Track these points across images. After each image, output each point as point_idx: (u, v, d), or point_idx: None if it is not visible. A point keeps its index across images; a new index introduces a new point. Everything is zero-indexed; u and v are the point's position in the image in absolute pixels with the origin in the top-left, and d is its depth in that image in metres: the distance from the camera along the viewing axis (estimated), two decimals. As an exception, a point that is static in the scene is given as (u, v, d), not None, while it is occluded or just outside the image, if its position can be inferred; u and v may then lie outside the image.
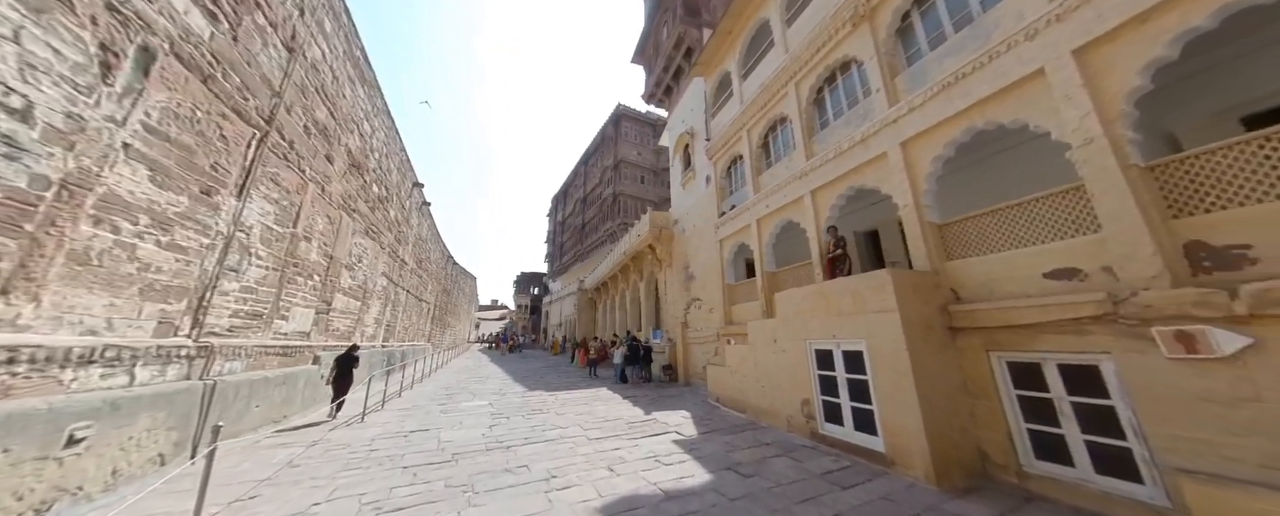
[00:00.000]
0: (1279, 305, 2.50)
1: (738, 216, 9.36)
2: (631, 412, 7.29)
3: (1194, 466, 2.75)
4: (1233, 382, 2.67)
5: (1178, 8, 3.11)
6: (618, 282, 21.17)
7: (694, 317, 11.43)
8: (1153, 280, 3.06)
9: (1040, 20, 3.90)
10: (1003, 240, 4.23)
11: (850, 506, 3.30)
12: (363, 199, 8.99)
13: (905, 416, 4.03)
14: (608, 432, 5.85)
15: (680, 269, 12.91)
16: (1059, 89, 3.73)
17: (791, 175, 7.53)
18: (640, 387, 10.67)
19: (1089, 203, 3.57)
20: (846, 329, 4.85)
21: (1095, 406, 3.36)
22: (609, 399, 8.84)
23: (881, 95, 5.75)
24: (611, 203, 30.57)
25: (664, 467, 4.30)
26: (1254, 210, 2.77)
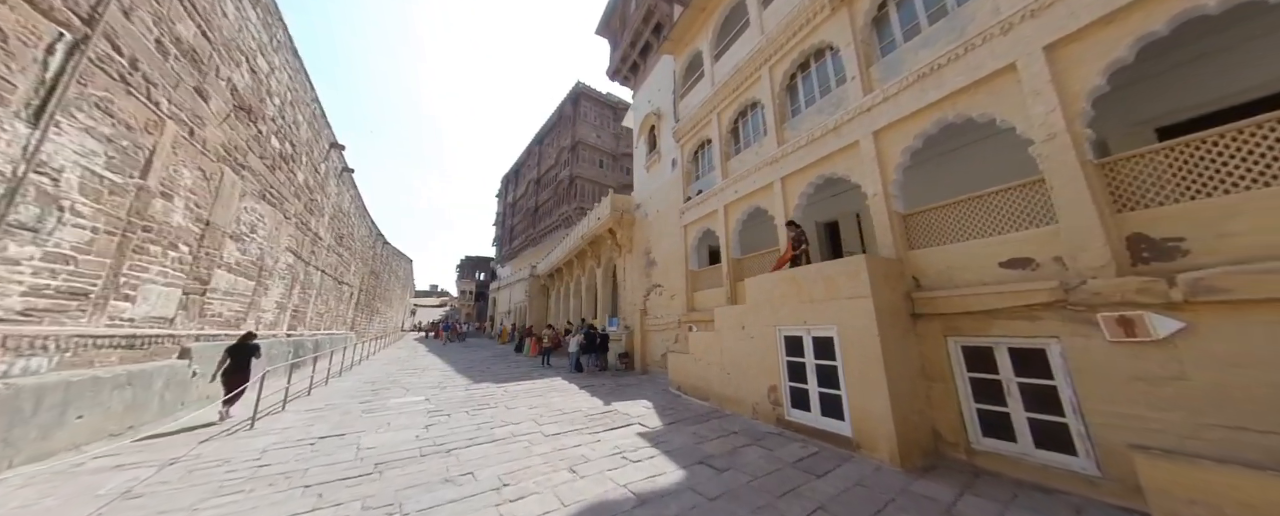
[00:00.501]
0: (1209, 292, 2.74)
1: (704, 202, 9.15)
2: (590, 403, 6.83)
3: (1124, 439, 3.02)
4: (1162, 363, 2.92)
5: (1142, 9, 3.27)
6: (573, 269, 20.31)
7: (654, 304, 11.18)
8: (1101, 269, 3.27)
9: (1016, 15, 3.98)
10: (963, 231, 4.39)
11: (829, 496, 3.20)
12: (257, 154, 7.19)
13: (873, 401, 4.07)
14: (566, 427, 5.33)
15: (641, 255, 12.53)
16: (1029, 84, 3.85)
17: (762, 161, 7.42)
18: (597, 377, 10.22)
19: (1046, 196, 3.76)
20: (818, 315, 4.81)
21: (1039, 386, 3.60)
22: (564, 389, 8.27)
23: (856, 83, 5.74)
24: (568, 185, 29.16)
25: (632, 465, 3.92)
26: (1187, 206, 3.02)
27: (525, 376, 10.31)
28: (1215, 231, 2.87)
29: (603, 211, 14.13)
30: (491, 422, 5.61)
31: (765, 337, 5.58)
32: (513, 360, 14.77)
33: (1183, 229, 3.01)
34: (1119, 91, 4.82)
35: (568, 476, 3.64)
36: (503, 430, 5.24)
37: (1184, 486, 2.28)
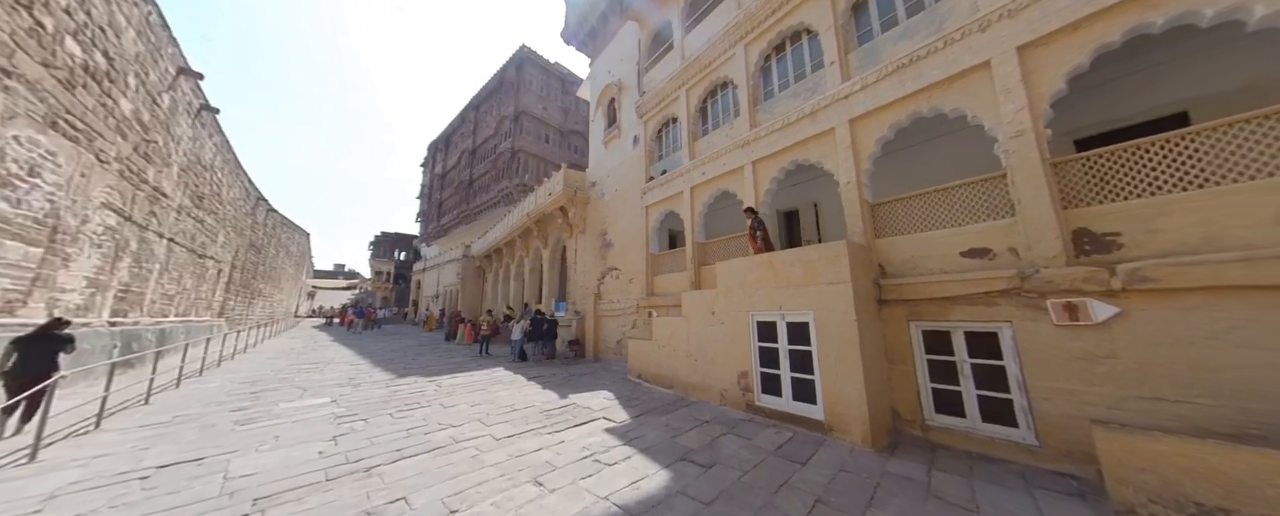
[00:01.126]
0: (1142, 282, 3.08)
1: (669, 183, 8.73)
2: (543, 397, 6.13)
3: (1062, 412, 3.36)
4: (1098, 344, 3.27)
5: (1103, 20, 3.52)
6: (515, 249, 18.69)
7: (610, 288, 10.64)
8: (1052, 260, 3.56)
9: (994, 13, 4.11)
10: (927, 221, 4.60)
11: (821, 486, 3.08)
12: (38, 58, 4.85)
13: (848, 385, 4.10)
14: (520, 426, 4.62)
15: (595, 236, 11.80)
16: (1001, 82, 4.03)
17: (732, 143, 7.19)
18: (545, 366, 9.44)
19: (1005, 190, 4.02)
20: (794, 300, 4.74)
21: (989, 366, 3.91)
22: (511, 381, 7.40)
23: (835, 69, 5.69)
24: (509, 159, 26.64)
25: (608, 470, 3.42)
26: (1124, 205, 3.38)
27: (461, 367, 9.10)
28: (1146, 228, 3.24)
29: (554, 188, 12.97)
30: (425, 426, 4.65)
31: (737, 323, 5.43)
32: (444, 349, 13.13)
33: (1119, 225, 3.37)
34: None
35: (534, 492, 3.01)
36: (441, 435, 4.34)
37: (1136, 455, 2.53)
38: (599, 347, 10.64)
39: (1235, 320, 2.79)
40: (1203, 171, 3.09)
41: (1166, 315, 3.02)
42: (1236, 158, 2.98)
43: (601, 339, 10.62)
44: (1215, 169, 3.04)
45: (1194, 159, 3.14)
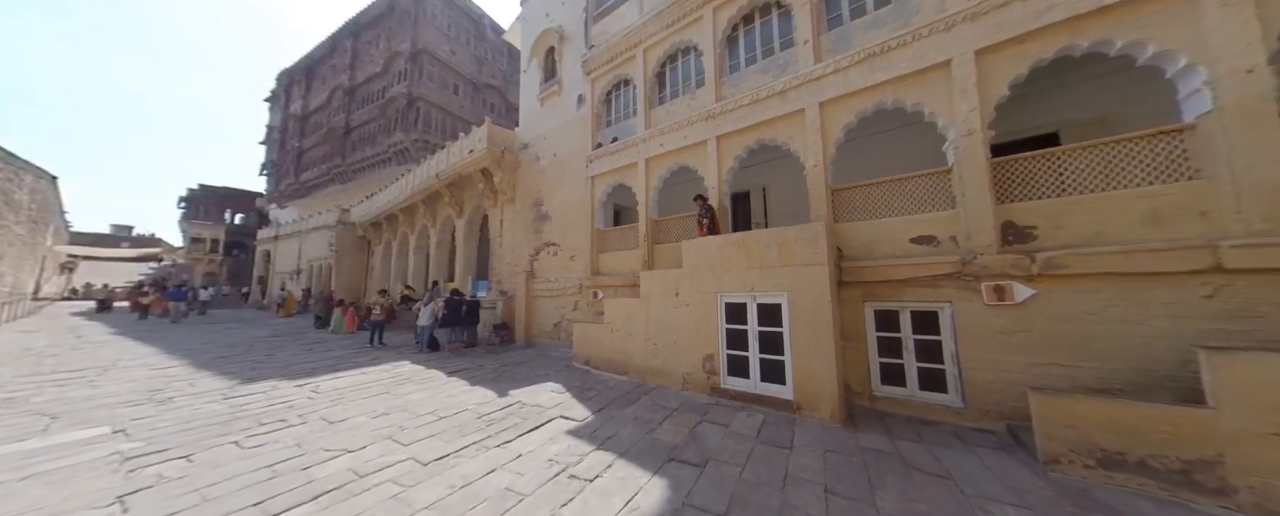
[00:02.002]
0: (1054, 268, 3.67)
1: (620, 152, 7.93)
2: (476, 396, 5.05)
3: (984, 378, 3.93)
4: (1016, 321, 3.85)
5: (1042, 37, 3.98)
6: (416, 217, 15.60)
7: (546, 266, 9.50)
8: (986, 248, 4.05)
9: (959, 14, 4.37)
10: (882, 209, 4.90)
11: (819, 471, 2.99)
12: None
13: (820, 364, 4.18)
14: (455, 441, 3.60)
15: (528, 206, 10.36)
16: (959, 82, 4.35)
17: (695, 115, 6.74)
18: (464, 356, 8.04)
19: (951, 185, 4.45)
20: (768, 281, 4.63)
21: (927, 341, 4.39)
22: (425, 378, 6.00)
23: (808, 48, 5.60)
24: (405, 107, 21.90)
25: (590, 488, 2.79)
26: (1039, 203, 3.97)
27: (345, 363, 7.12)
28: (1055, 223, 3.86)
29: (476, 145, 10.87)
30: (304, 456, 3.26)
31: (704, 305, 5.16)
32: (313, 339, 10.32)
33: (1036, 220, 3.96)
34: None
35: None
36: (332, 467, 3.07)
37: (1063, 414, 3.00)
38: (532, 332, 9.54)
39: (1110, 299, 3.50)
40: (1094, 180, 3.76)
41: (1067, 296, 3.66)
42: (1114, 171, 3.69)
43: (535, 322, 9.52)
44: (1102, 179, 3.73)
45: (1087, 169, 3.81)
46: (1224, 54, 3.21)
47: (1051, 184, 3.95)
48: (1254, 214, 3.03)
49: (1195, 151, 3.39)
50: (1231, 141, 3.17)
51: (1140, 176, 3.58)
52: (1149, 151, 3.57)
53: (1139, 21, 3.58)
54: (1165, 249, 3.29)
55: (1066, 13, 3.82)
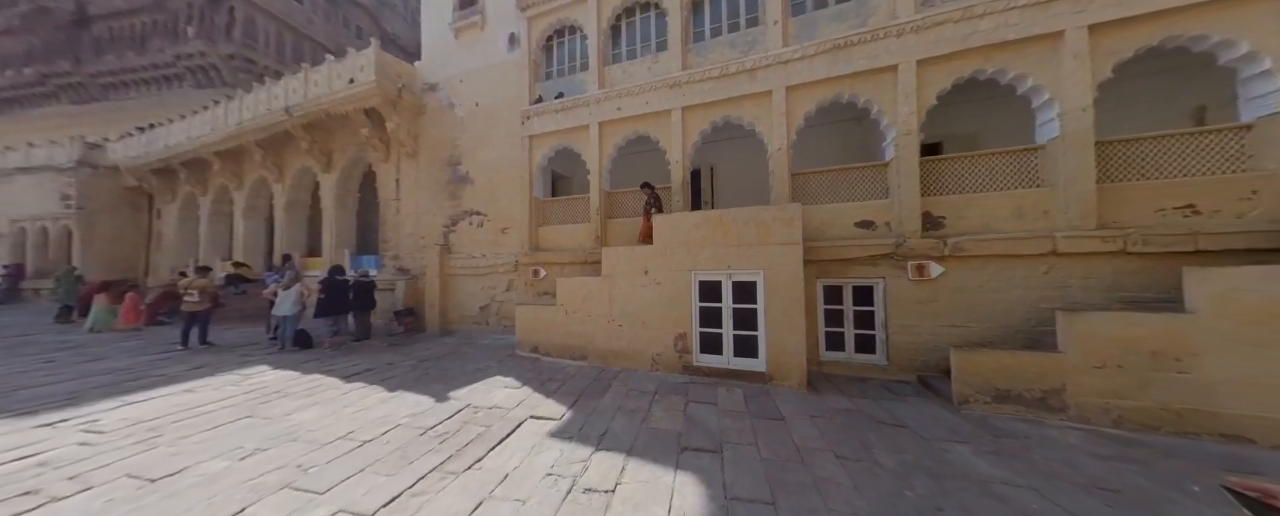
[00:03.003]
0: (959, 250, 4.60)
1: (568, 111, 6.94)
2: (406, 405, 3.92)
3: (903, 341, 4.79)
4: (929, 293, 4.75)
5: (964, 58, 4.76)
6: (245, 166, 11.37)
7: (467, 239, 7.97)
8: (913, 233, 4.84)
9: (907, 25, 4.91)
10: (832, 194, 5.41)
11: (818, 437, 3.18)
12: None
13: (791, 338, 4.47)
14: (404, 473, 2.67)
15: (439, 164, 8.42)
16: (902, 86, 4.95)
17: (659, 80, 6.27)
18: (357, 352, 6.30)
19: (887, 177, 5.13)
20: (744, 259, 4.68)
21: (863, 312, 5.12)
22: (310, 389, 4.41)
23: (778, 29, 5.63)
24: (209, 3, 15.31)
25: (614, 500, 2.37)
26: (948, 198, 4.89)
27: (142, 378, 4.79)
28: (958, 215, 4.81)
29: (357, 75, 8.16)
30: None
31: (677, 283, 4.99)
32: (55, 342, 6.74)
33: (945, 211, 4.87)
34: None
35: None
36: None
37: (973, 364, 3.83)
38: (450, 317, 8.01)
39: (990, 275, 4.58)
40: (983, 182, 4.79)
41: (963, 272, 4.65)
42: (996, 176, 4.76)
43: (455, 305, 8.01)
44: (988, 181, 4.77)
45: (980, 173, 4.83)
46: (1072, 94, 4.33)
47: (956, 183, 4.89)
48: (1074, 214, 4.28)
49: (1042, 167, 4.57)
50: (1066, 161, 4.36)
51: (1011, 182, 4.68)
52: (1016, 164, 4.69)
53: (1026, 59, 4.55)
54: (1025, 237, 4.41)
55: (983, 40, 4.63)
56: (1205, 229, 3.85)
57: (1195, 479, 2.62)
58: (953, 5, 4.74)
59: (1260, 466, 2.86)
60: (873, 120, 5.39)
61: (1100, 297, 4.08)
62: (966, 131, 6.73)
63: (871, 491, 2.46)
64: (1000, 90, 5.00)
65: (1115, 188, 4.23)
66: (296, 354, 6.14)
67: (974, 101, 6.34)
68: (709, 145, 8.11)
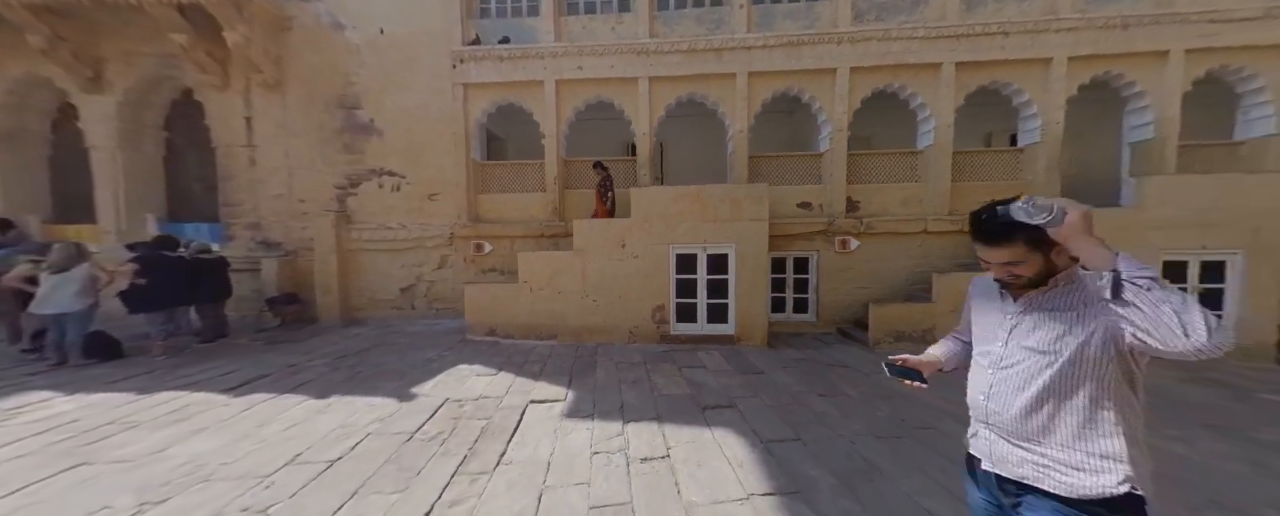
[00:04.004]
0: (870, 228, 5.83)
1: (516, 61, 6.04)
2: (361, 409, 3.14)
3: (828, 302, 5.93)
4: (848, 262, 5.94)
5: (881, 73, 5.84)
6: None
7: (377, 205, 6.41)
8: (839, 213, 5.91)
9: (845, 35, 5.73)
10: (780, 177, 6.16)
11: (797, 382, 3.79)
12: None
13: (756, 304, 5.08)
14: (423, 485, 2.21)
15: (322, 105, 6.41)
16: (839, 87, 5.83)
17: (623, 44, 5.96)
18: (210, 357, 4.66)
19: (821, 166, 6.08)
20: (719, 233, 5.03)
21: (800, 279, 6.11)
22: (174, 410, 3.16)
23: (743, 14, 5.88)
24: None
25: (670, 464, 2.45)
26: (862, 186, 6.09)
27: None
28: (868, 200, 6.05)
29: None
30: None
31: (655, 256, 5.08)
32: None
33: (861, 197, 6.07)
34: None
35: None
36: None
37: (883, 316, 5.02)
38: (354, 303, 6.43)
39: (888, 249, 5.96)
40: (886, 175, 6.11)
41: (872, 246, 5.94)
42: (894, 171, 6.12)
43: (362, 287, 6.45)
44: (889, 175, 6.11)
45: (884, 168, 6.13)
46: (943, 112, 5.79)
47: (869, 174, 6.11)
48: (938, 204, 5.86)
49: (920, 167, 6.08)
50: (935, 164, 5.89)
51: (901, 177, 6.09)
52: (905, 163, 6.11)
53: (919, 80, 5.85)
54: (909, 220, 5.87)
55: (894, 60, 5.74)
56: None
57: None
58: (876, 26, 5.72)
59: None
60: (805, 114, 6.25)
61: (950, 264, 5.77)
62: (866, 133, 8.34)
63: (856, 416, 3.12)
64: (898, 102, 6.32)
65: (959, 185, 5.92)
66: (97, 368, 4.15)
67: (874, 109, 7.88)
68: (659, 122, 8.16)
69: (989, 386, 0.94)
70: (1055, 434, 0.85)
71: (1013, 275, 0.88)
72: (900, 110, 6.26)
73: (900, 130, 6.63)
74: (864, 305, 5.36)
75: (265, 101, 6.36)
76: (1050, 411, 0.85)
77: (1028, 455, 0.88)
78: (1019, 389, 0.89)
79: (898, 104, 6.21)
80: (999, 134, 7.66)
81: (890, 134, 7.57)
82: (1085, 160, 6.94)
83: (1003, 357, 0.93)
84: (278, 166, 6.43)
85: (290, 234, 6.45)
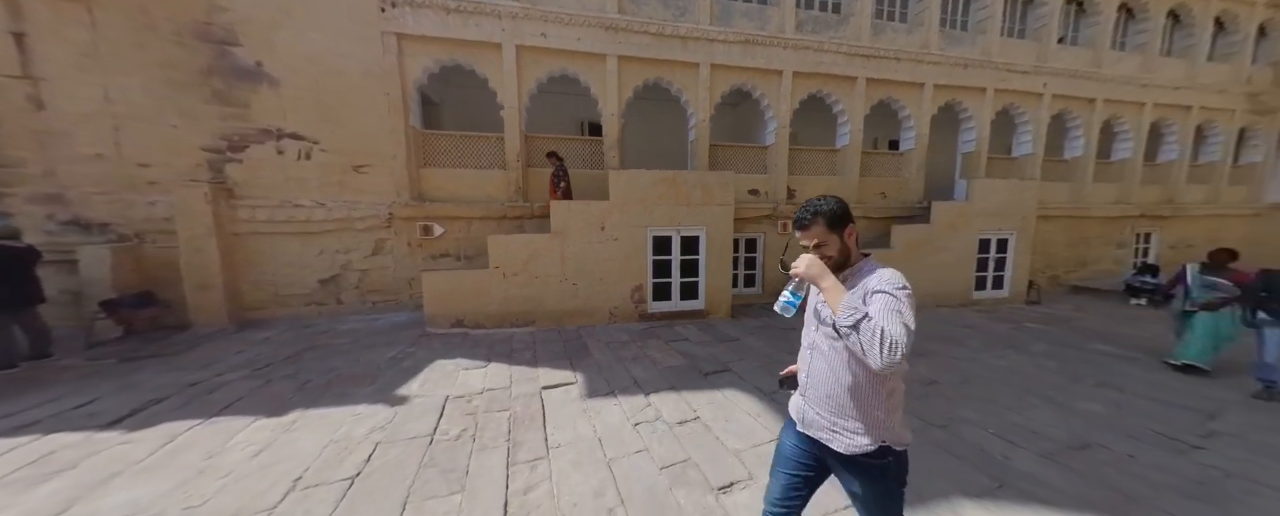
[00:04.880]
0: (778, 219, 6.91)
1: (468, 15, 5.30)
2: (344, 421, 2.71)
3: (770, 275, 6.93)
4: (785, 242, 6.98)
5: (814, 79, 6.81)
6: None
7: (278, 175, 5.07)
8: (783, 200, 6.84)
9: (790, 41, 6.48)
10: (734, 165, 6.80)
11: (768, 344, 4.48)
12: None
13: (721, 280, 5.66)
14: (458, 477, 2.09)
15: (172, 31, 4.75)
16: (784, 89, 6.61)
17: (590, 16, 5.70)
18: (35, 387, 3.37)
19: (767, 158, 6.91)
20: (692, 217, 5.41)
21: (748, 257, 6.96)
22: (48, 463, 2.22)
23: (706, 5, 6.12)
24: None
25: (701, 423, 2.78)
26: (798, 177, 7.12)
27: None
28: (801, 189, 7.12)
29: None
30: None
31: (634, 238, 5.24)
32: None
33: (797, 187, 7.10)
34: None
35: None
36: None
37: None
38: (248, 300, 5.09)
39: (812, 231, 7.16)
40: (812, 168, 7.25)
41: (802, 229, 7.05)
42: (817, 165, 7.29)
43: (260, 281, 5.11)
44: (814, 168, 7.25)
45: (811, 162, 7.26)
46: (856, 116, 7.06)
47: (802, 167, 7.16)
48: (849, 195, 7.22)
49: (838, 162, 7.36)
50: (848, 161, 7.20)
51: (823, 170, 7.29)
52: (828, 159, 7.32)
53: (840, 89, 6.98)
54: (830, 207, 7.12)
55: (825, 70, 6.73)
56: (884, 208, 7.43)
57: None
58: (812, 37, 6.59)
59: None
60: (751, 108, 6.97)
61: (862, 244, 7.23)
62: (793, 130, 9.61)
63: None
64: (820, 105, 7.44)
65: (863, 180, 7.36)
66: None
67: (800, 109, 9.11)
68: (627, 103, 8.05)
69: (806, 363, 1.19)
70: (840, 404, 1.09)
71: (823, 255, 1.11)
72: (819, 112, 7.41)
73: (816, 130, 7.85)
74: (800, 278, 6.46)
75: (55, 13, 4.32)
76: (837, 386, 1.08)
77: (823, 421, 1.12)
78: (817, 366, 1.14)
79: (819, 107, 7.34)
80: (881, 139, 9.65)
81: (809, 133, 8.85)
82: (933, 163, 9.29)
83: (813, 341, 1.17)
84: (91, 114, 4.51)
85: (127, 212, 4.67)
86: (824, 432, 1.13)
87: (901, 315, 0.95)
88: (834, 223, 1.11)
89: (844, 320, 0.95)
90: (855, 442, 1.07)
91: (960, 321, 5.71)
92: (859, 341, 0.92)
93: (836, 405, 1.10)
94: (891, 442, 1.08)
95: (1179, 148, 9.01)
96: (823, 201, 1.13)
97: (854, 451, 1.07)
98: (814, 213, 1.12)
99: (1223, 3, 8.51)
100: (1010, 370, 3.82)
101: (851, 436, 1.08)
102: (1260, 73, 9.12)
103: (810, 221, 1.12)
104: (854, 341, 0.93)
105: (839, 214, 1.11)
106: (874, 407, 1.08)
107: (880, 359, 0.90)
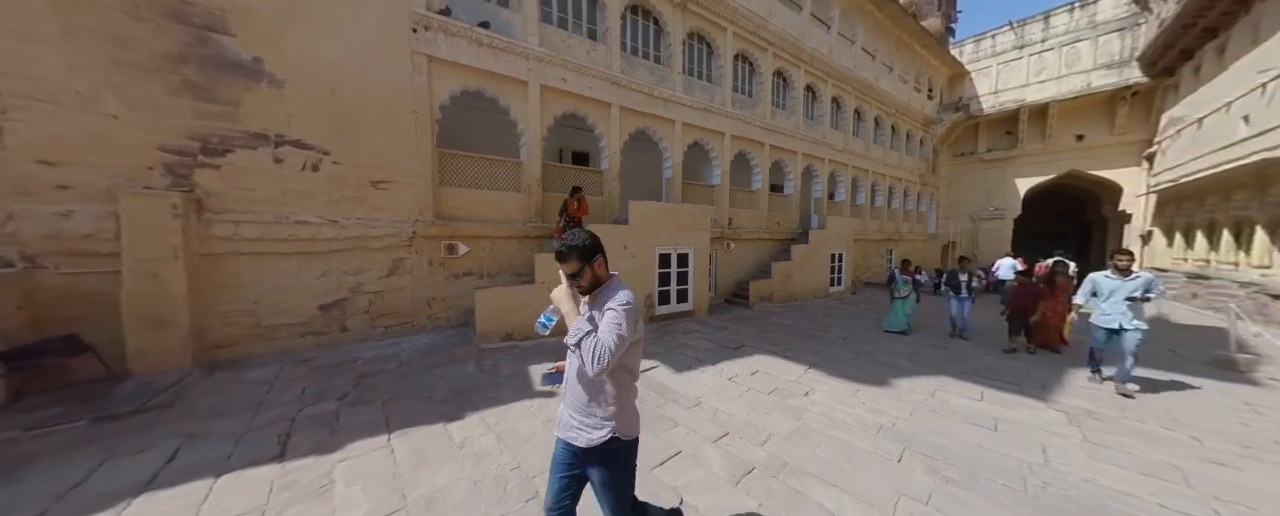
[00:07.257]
0: (739, 237, 9.46)
1: (497, 51, 5.80)
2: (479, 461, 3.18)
3: (722, 279, 9.17)
4: (729, 258, 9.33)
5: (696, 131, 9.54)
6: None
7: (272, 188, 4.39)
8: (727, 226, 9.20)
9: (728, 114, 9.00)
10: (695, 199, 8.82)
11: (758, 332, 6.44)
12: None
13: (703, 286, 7.46)
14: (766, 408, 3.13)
15: (158, 11, 3.70)
16: (726, 145, 9.06)
17: (595, 68, 6.88)
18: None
19: (714, 194, 9.22)
20: (685, 239, 7.07)
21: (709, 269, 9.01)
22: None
23: (679, 78, 8.04)
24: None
25: (755, 379, 4.40)
26: (733, 210, 9.67)
27: None
28: (737, 218, 9.68)
29: None
30: None
31: (646, 256, 6.55)
32: None
33: (733, 217, 9.62)
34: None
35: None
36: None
37: (758, 289, 8.52)
38: (220, 336, 4.14)
39: (749, 249, 9.78)
40: (741, 203, 9.95)
41: (741, 248, 9.55)
42: (744, 201, 10.05)
43: (235, 310, 4.19)
44: (744, 203, 9.97)
45: (738, 199, 9.96)
46: (724, 159, 10.12)
47: (735, 202, 9.74)
48: (761, 224, 10.19)
49: (755, 199, 10.29)
50: (722, 194, 10.20)
51: (748, 204, 10.09)
52: (750, 197, 10.16)
53: (715, 139, 9.92)
54: (756, 232, 9.88)
55: (712, 126, 9.52)
56: (779, 232, 10.74)
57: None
58: (741, 111, 9.27)
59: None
60: (699, 154, 9.25)
61: (772, 257, 10.16)
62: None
63: (814, 340, 5.98)
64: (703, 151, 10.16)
65: (771, 212, 10.46)
66: None
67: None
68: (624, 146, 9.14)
69: (568, 373, 1.34)
70: (581, 405, 1.29)
71: (577, 285, 1.31)
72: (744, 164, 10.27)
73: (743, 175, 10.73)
74: (739, 283, 8.85)
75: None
76: (578, 390, 1.29)
77: (572, 421, 1.31)
78: (570, 375, 1.34)
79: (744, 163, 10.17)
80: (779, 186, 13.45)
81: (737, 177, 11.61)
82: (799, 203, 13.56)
83: (569, 355, 1.32)
84: (12, 93, 3.12)
85: (27, 227, 3.29)
86: (571, 432, 1.30)
87: (619, 327, 1.15)
88: (585, 255, 1.29)
89: (570, 338, 1.17)
90: (592, 437, 1.24)
91: (819, 306, 9.02)
92: (581, 354, 1.14)
93: (579, 406, 1.28)
94: (619, 434, 1.25)
95: (900, 201, 15.75)
96: (577, 237, 1.30)
97: (590, 444, 1.24)
98: (570, 247, 1.29)
99: (907, 124, 15.58)
100: (794, 327, 6.80)
101: (589, 432, 1.25)
102: (921, 164, 16.92)
103: (568, 255, 1.29)
104: (579, 354, 1.14)
105: (589, 248, 1.29)
106: (606, 405, 1.26)
107: (592, 367, 1.09)
